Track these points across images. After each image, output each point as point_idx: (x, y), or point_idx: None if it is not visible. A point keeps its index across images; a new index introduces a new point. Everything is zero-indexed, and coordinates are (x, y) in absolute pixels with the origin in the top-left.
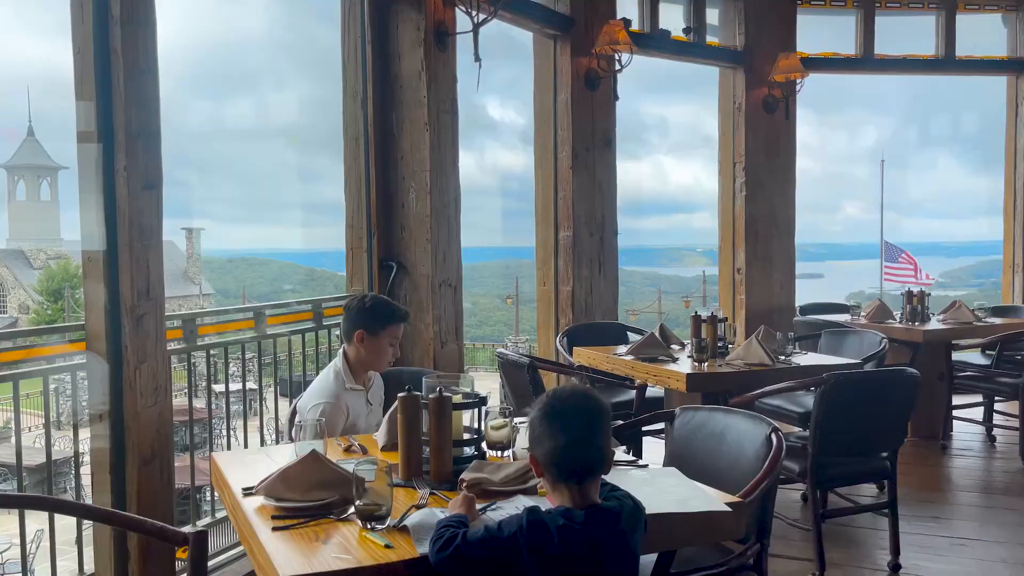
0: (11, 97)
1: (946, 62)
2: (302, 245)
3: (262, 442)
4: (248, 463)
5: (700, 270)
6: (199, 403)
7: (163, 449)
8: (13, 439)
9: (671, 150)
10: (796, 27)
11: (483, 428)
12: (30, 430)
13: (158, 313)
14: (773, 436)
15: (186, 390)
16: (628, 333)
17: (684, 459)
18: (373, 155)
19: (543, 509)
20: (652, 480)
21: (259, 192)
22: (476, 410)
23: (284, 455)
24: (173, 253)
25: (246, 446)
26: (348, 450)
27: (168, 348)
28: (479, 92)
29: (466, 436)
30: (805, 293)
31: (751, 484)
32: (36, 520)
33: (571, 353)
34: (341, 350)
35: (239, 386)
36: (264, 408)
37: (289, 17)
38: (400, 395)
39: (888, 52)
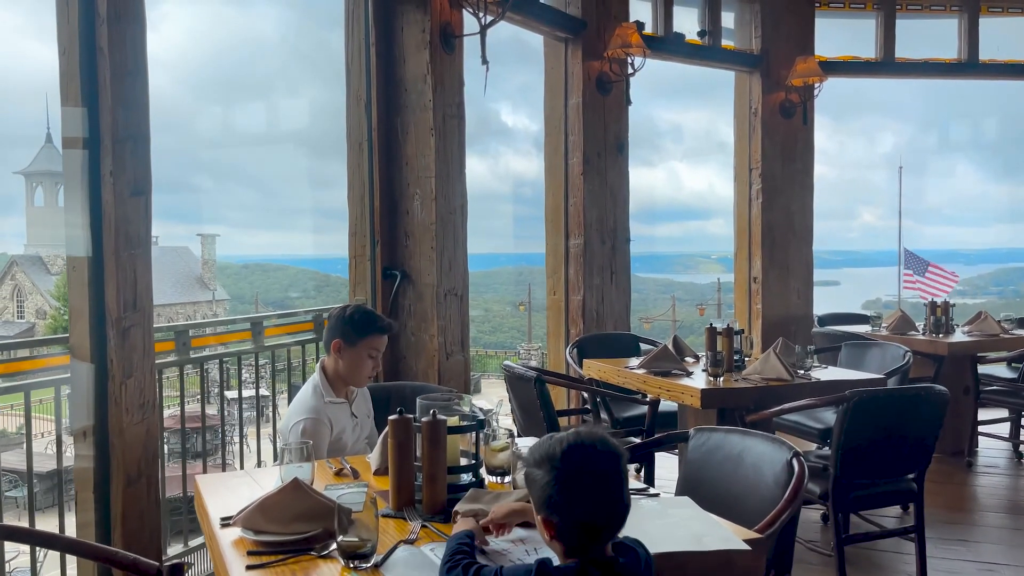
0: (31, 104)
1: (969, 66)
2: (318, 251)
3: (259, 460)
4: (232, 487)
5: (715, 277)
6: (210, 410)
7: (150, 468)
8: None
9: (685, 156)
10: (814, 30)
11: (482, 453)
12: (42, 435)
13: (146, 325)
14: (795, 462)
15: (198, 398)
16: (640, 344)
17: (698, 483)
18: (377, 161)
19: (553, 564)
20: (664, 512)
21: (275, 198)
22: (474, 434)
23: (271, 479)
24: (188, 259)
25: (241, 464)
26: (339, 474)
27: (160, 361)
28: (493, 98)
29: (463, 461)
30: (821, 300)
31: (771, 516)
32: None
33: (581, 365)
34: (319, 363)
35: (250, 392)
36: (263, 421)
37: (300, 22)
38: (391, 418)
39: (909, 56)
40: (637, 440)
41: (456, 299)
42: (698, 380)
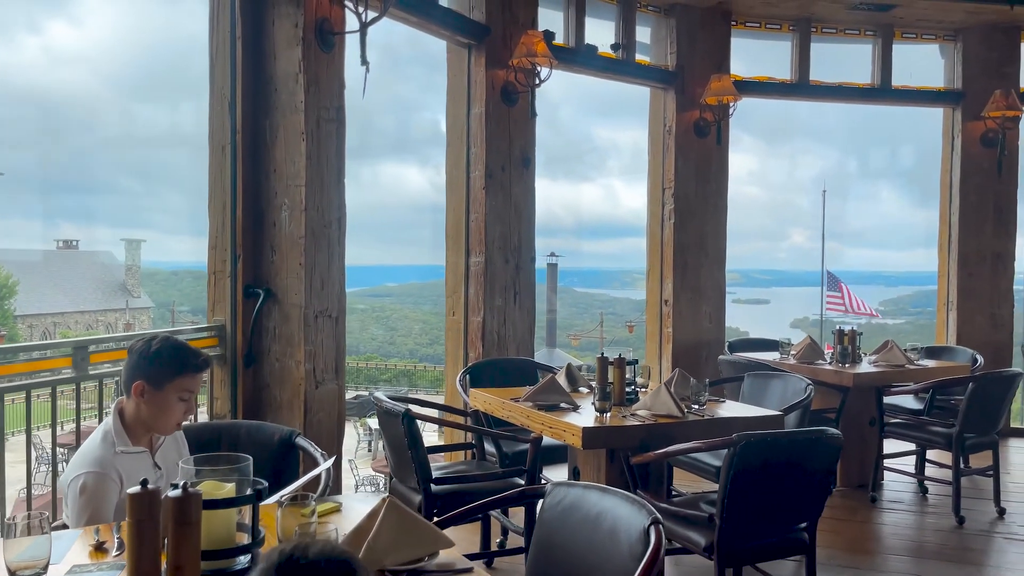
0: None
1: (882, 91)
2: None
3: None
4: None
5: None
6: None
7: None
8: None
9: (622, 173)
10: (730, 48)
11: (278, 522)
12: None
13: None
14: (652, 531)
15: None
16: (538, 372)
17: (552, 548)
18: (241, 166)
19: None
20: None
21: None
22: (253, 506)
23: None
24: (110, 264)
25: (54, 514)
26: (100, 548)
27: None
28: (432, 107)
29: (242, 539)
30: (750, 319)
31: None
32: None
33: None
34: (114, 405)
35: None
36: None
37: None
38: (129, 492)
39: (825, 79)
40: (521, 482)
41: (330, 321)
42: (585, 416)
